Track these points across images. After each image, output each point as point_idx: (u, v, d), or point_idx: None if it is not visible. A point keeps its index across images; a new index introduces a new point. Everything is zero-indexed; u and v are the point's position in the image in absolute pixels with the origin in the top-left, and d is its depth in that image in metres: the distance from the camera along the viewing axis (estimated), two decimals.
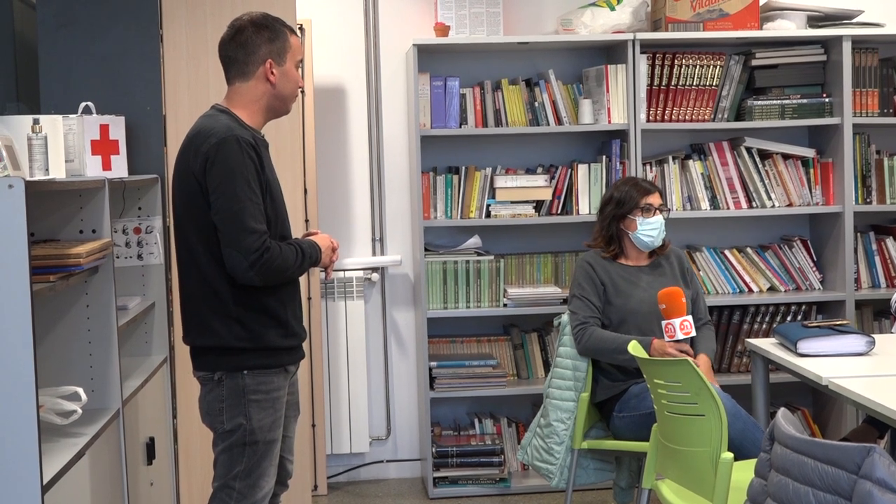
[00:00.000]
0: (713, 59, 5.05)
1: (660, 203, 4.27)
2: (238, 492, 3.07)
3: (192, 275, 3.09)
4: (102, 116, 3.76)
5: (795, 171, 5.18)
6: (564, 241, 5.24)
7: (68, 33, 4.10)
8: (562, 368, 4.20)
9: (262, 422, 3.07)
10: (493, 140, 5.21)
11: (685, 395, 3.23)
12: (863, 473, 2.01)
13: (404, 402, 5.35)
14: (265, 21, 3.14)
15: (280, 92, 3.16)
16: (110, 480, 3.25)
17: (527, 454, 4.34)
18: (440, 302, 5.06)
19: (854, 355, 3.67)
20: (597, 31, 5.00)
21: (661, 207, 4.27)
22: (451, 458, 4.98)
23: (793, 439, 2.21)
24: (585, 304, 4.18)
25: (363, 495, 5.11)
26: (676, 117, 5.05)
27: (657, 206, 4.25)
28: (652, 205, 4.24)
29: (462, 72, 5.10)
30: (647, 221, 4.22)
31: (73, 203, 3.29)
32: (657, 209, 4.25)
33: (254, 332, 3.06)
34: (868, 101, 5.11)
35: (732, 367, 5.18)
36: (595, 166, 5.08)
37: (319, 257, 3.19)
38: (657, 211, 4.24)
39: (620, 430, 4.08)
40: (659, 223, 4.24)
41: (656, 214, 4.23)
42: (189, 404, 4.18)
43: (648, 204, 4.24)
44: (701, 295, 4.34)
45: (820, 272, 5.24)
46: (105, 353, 3.31)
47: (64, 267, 2.87)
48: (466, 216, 5.05)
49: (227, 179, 2.97)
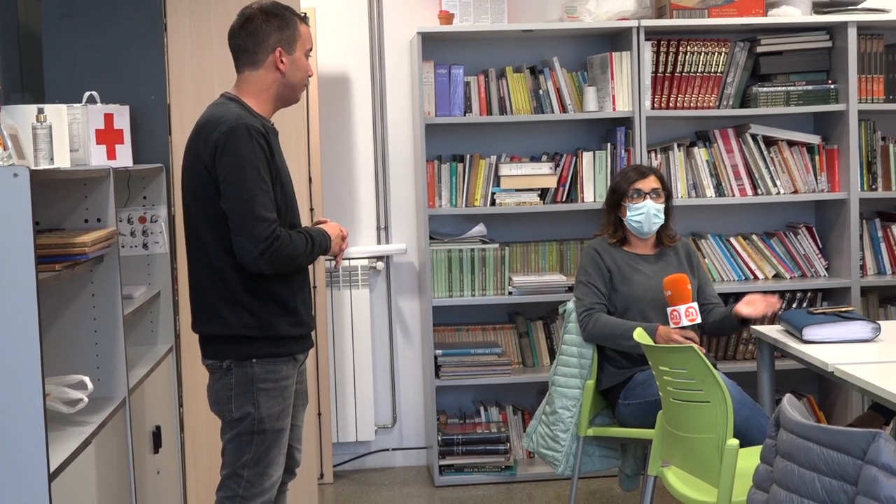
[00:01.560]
0: (718, 45, 5.04)
1: (651, 188, 4.22)
2: (246, 480, 3.08)
3: (202, 263, 3.09)
4: (107, 106, 3.76)
5: (801, 157, 5.17)
6: (569, 229, 5.24)
7: (72, 23, 4.10)
8: (567, 356, 4.20)
9: (271, 410, 3.07)
10: (497, 128, 5.20)
11: (690, 382, 3.24)
12: (868, 459, 2.01)
13: (410, 391, 5.36)
14: (275, 9, 3.14)
15: (290, 80, 3.16)
16: (117, 469, 3.26)
17: (532, 442, 4.34)
18: (445, 290, 5.06)
19: (860, 342, 3.67)
20: (601, 18, 4.99)
21: (654, 192, 4.23)
22: (456, 445, 4.98)
23: (798, 425, 2.21)
24: (591, 290, 4.18)
25: (369, 483, 5.12)
26: (681, 104, 5.04)
27: (647, 191, 4.22)
28: (641, 190, 4.22)
29: (466, 60, 5.09)
30: (634, 207, 4.21)
31: (78, 192, 3.30)
32: (647, 194, 4.22)
33: (263, 321, 3.06)
34: (874, 87, 5.09)
35: (738, 354, 5.18)
36: (600, 154, 5.07)
37: (329, 245, 3.20)
38: (647, 196, 4.22)
39: (626, 417, 4.08)
40: (646, 208, 4.20)
41: (645, 200, 4.22)
42: (195, 393, 4.19)
43: (637, 189, 4.23)
44: (709, 282, 4.33)
45: (825, 259, 5.23)
46: (111, 341, 3.32)
47: (69, 256, 2.87)
48: (471, 204, 5.05)
49: (237, 168, 2.97)
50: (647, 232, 4.23)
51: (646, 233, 4.24)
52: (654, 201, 4.21)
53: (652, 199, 4.21)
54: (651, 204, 4.21)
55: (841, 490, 2.05)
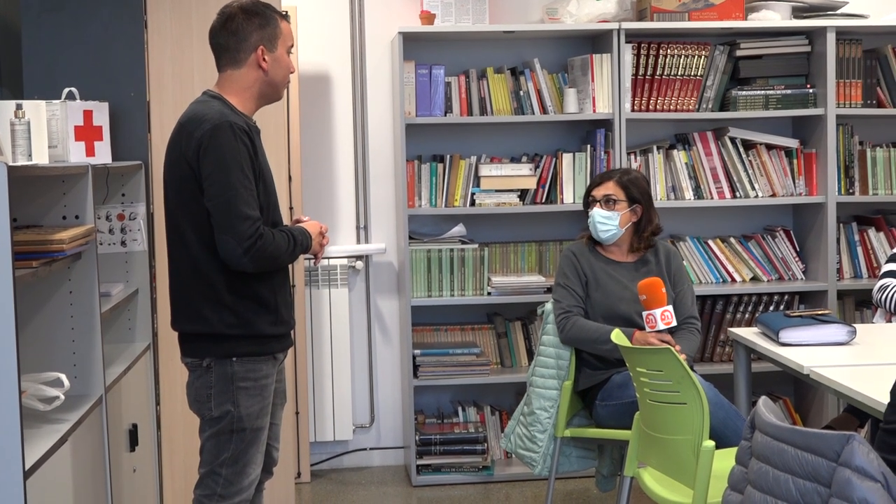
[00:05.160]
0: (698, 49, 5.06)
1: (603, 195, 4.19)
2: (225, 478, 3.08)
3: (183, 261, 3.08)
4: (86, 102, 3.74)
5: (779, 161, 5.19)
6: (549, 230, 5.25)
7: (52, 18, 4.08)
8: (545, 357, 4.21)
9: (251, 409, 3.07)
10: (478, 129, 5.21)
11: (667, 384, 3.25)
12: (842, 461, 2.02)
13: (388, 390, 5.36)
14: (255, 8, 3.13)
15: (272, 78, 3.16)
16: (92, 467, 3.25)
17: (510, 442, 4.35)
18: (424, 290, 5.06)
19: (836, 345, 3.69)
20: (582, 20, 5.01)
21: (605, 199, 4.18)
22: (434, 445, 4.98)
23: (773, 427, 2.22)
24: (569, 293, 4.18)
25: (346, 483, 5.11)
26: (661, 107, 5.06)
27: (598, 197, 4.20)
28: (594, 196, 4.23)
29: (447, 60, 5.09)
30: (590, 214, 4.22)
31: (57, 189, 3.28)
32: (598, 201, 4.19)
33: (244, 320, 3.06)
34: (852, 92, 5.13)
35: (715, 357, 5.21)
36: (580, 155, 5.08)
37: (310, 244, 3.20)
38: (597, 203, 4.19)
39: (603, 418, 4.09)
40: (592, 215, 4.18)
41: (594, 207, 4.20)
42: (172, 391, 4.18)
43: (592, 195, 4.24)
44: (686, 296, 4.23)
45: (802, 262, 5.26)
46: (88, 339, 3.31)
47: (47, 253, 2.86)
48: (451, 204, 5.05)
49: (220, 166, 2.96)
50: (602, 239, 4.23)
51: (602, 240, 4.23)
52: (602, 209, 4.18)
53: (601, 206, 4.20)
54: (597, 211, 4.19)
55: (815, 492, 2.06)
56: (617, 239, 4.22)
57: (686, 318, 4.18)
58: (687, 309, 4.20)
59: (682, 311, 4.17)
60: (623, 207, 4.19)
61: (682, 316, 4.16)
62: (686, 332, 4.15)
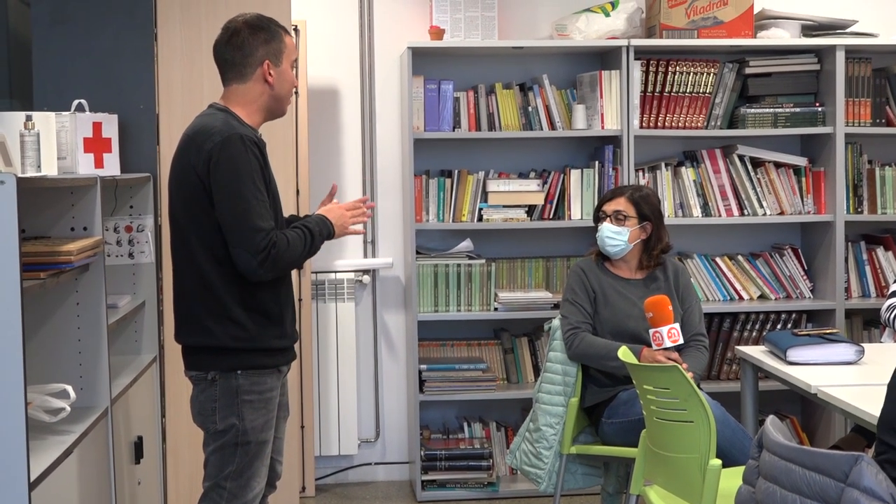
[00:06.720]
0: (707, 66, 5.06)
1: (614, 210, 4.21)
2: (229, 492, 3.07)
3: (189, 273, 3.07)
4: (95, 114, 3.75)
5: (787, 179, 5.19)
6: (556, 246, 5.24)
7: (62, 30, 4.09)
8: (551, 373, 4.20)
9: (255, 422, 3.07)
10: (486, 144, 5.21)
11: (674, 402, 3.24)
12: (850, 482, 2.01)
13: (393, 405, 5.35)
14: (260, 22, 3.14)
15: (278, 93, 3.16)
16: (98, 479, 3.24)
17: (515, 458, 4.34)
18: (431, 305, 5.05)
19: (843, 364, 3.68)
20: (591, 36, 5.01)
21: (615, 215, 4.20)
22: (439, 461, 4.97)
23: (781, 447, 2.21)
24: (577, 309, 4.18)
25: (351, 497, 5.10)
26: (669, 124, 5.06)
27: (609, 213, 4.21)
28: (604, 211, 4.24)
29: (456, 75, 5.10)
30: (599, 229, 4.22)
31: (65, 200, 3.29)
32: (608, 216, 4.21)
33: (250, 333, 3.05)
34: (861, 110, 5.12)
35: (722, 375, 5.19)
36: (588, 172, 5.08)
37: (331, 230, 3.18)
38: (608, 218, 4.21)
39: (609, 435, 4.08)
40: (601, 231, 4.20)
41: (604, 222, 4.21)
42: (178, 404, 4.17)
43: (602, 210, 4.24)
44: (693, 315, 4.21)
45: (810, 281, 5.25)
46: (94, 351, 3.31)
47: (54, 264, 2.86)
48: (458, 220, 5.05)
49: (232, 178, 2.95)
50: (610, 254, 4.23)
51: (610, 254, 4.23)
52: (611, 224, 4.20)
53: (611, 221, 4.20)
54: (606, 227, 4.20)
55: None
56: (625, 254, 4.22)
57: (693, 336, 4.16)
58: (694, 326, 4.19)
59: (689, 328, 4.16)
60: (633, 224, 4.19)
61: (690, 333, 4.15)
62: (693, 350, 4.13)
